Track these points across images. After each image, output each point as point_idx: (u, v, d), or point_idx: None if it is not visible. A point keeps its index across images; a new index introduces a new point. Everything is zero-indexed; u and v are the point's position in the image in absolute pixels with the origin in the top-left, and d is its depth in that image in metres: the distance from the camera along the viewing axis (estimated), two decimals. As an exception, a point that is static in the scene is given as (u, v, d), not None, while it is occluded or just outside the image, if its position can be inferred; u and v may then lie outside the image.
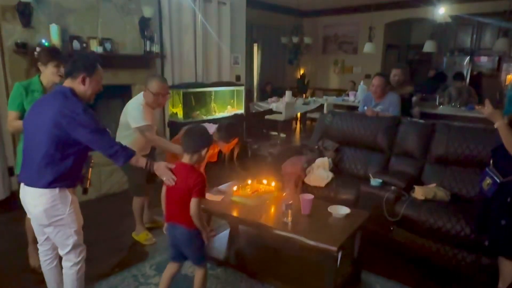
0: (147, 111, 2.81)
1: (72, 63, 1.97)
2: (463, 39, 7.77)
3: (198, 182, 1.97)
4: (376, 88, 3.91)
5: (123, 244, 3.11)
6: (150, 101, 2.82)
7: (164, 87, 2.81)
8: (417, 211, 2.73)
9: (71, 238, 1.99)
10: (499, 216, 2.19)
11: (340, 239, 2.14)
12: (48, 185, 1.87)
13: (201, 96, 5.53)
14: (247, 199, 2.64)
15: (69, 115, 1.82)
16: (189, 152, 2.04)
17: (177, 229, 2.04)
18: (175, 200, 2.04)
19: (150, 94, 2.79)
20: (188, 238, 2.05)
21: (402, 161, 3.37)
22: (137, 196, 3.07)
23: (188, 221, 2.01)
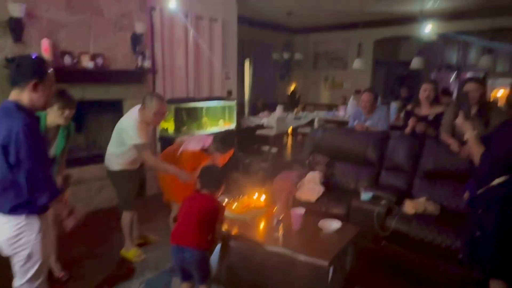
0: (142, 128, 2.79)
1: (16, 70, 1.67)
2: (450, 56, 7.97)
3: (222, 210, 2.23)
4: (365, 104, 3.96)
5: (112, 261, 3.05)
6: (148, 120, 2.80)
7: (164, 106, 2.81)
8: (408, 225, 2.75)
9: (31, 270, 1.75)
10: (474, 227, 2.18)
11: (331, 254, 2.14)
12: (10, 211, 1.67)
13: (193, 111, 5.53)
14: (238, 214, 2.63)
15: (14, 134, 1.56)
16: (210, 189, 2.22)
17: (187, 252, 2.07)
18: (192, 222, 2.10)
19: (150, 114, 2.76)
20: (198, 260, 2.08)
21: (392, 175, 3.40)
22: (126, 211, 3.03)
23: (200, 243, 2.07)
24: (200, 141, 2.84)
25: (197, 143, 2.83)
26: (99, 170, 4.07)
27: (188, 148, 2.82)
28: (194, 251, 2.06)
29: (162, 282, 2.72)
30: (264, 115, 7.30)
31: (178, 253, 2.10)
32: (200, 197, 2.23)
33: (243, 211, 2.64)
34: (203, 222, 2.10)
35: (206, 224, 2.12)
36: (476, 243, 2.15)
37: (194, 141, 2.86)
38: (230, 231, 2.49)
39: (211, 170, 2.28)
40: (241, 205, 2.74)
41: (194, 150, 2.81)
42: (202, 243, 2.07)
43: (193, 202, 2.22)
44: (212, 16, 5.56)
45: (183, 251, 2.07)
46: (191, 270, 2.12)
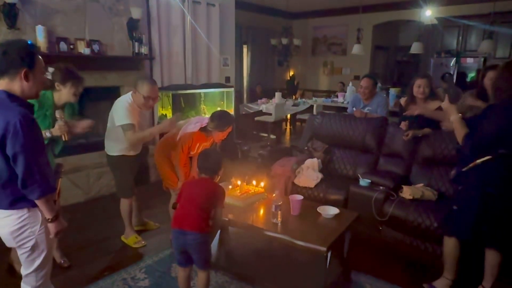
0: (135, 110, 2.81)
1: (3, 58, 1.59)
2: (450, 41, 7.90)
3: (222, 194, 2.22)
4: (364, 90, 3.95)
5: (112, 248, 3.08)
6: (140, 104, 2.83)
7: (155, 90, 2.82)
8: (405, 210, 2.77)
9: (37, 260, 1.76)
10: (452, 202, 2.38)
11: (329, 239, 2.16)
12: (11, 206, 1.66)
13: (191, 98, 5.51)
14: (237, 200, 2.65)
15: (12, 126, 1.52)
16: (208, 174, 2.22)
17: (189, 235, 2.08)
18: (193, 206, 2.11)
19: (141, 97, 2.79)
20: (200, 242, 2.09)
21: (390, 162, 3.41)
22: (124, 198, 3.05)
23: (201, 226, 2.08)
24: (197, 122, 2.83)
25: (194, 124, 2.82)
26: (98, 157, 4.08)
27: (187, 131, 2.82)
28: (196, 234, 2.07)
29: (161, 268, 2.75)
30: (262, 101, 7.27)
31: (180, 236, 2.11)
32: (200, 182, 2.24)
33: (241, 197, 2.65)
34: (204, 206, 2.11)
35: (207, 208, 2.12)
36: (451, 216, 2.33)
37: (192, 123, 2.85)
38: (228, 217, 2.51)
39: (208, 155, 2.28)
40: (239, 191, 2.75)
41: (192, 131, 2.81)
42: (204, 227, 2.09)
43: (193, 186, 2.22)
44: (209, 0, 5.49)
45: (184, 234, 2.09)
46: (192, 253, 2.13)
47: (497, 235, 2.24)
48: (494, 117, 2.08)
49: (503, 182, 2.13)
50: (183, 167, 2.90)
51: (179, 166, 2.87)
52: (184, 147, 2.81)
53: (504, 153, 2.07)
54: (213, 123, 2.78)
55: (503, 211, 2.17)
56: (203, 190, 2.17)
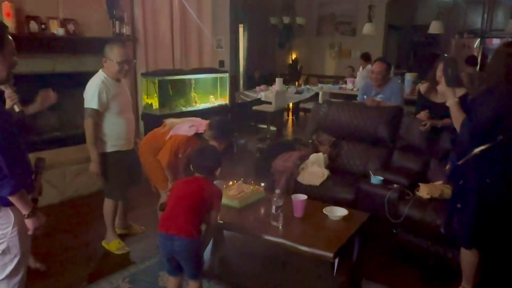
0: (112, 87, 2.84)
1: None
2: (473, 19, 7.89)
3: (218, 196, 2.20)
4: (376, 75, 3.94)
5: (92, 254, 3.08)
6: (114, 73, 2.86)
7: (127, 53, 2.89)
8: (422, 211, 2.78)
9: (9, 266, 1.76)
10: (455, 199, 2.39)
11: (336, 244, 2.17)
12: None
13: (180, 85, 5.48)
14: (233, 200, 2.64)
15: None
16: (202, 173, 2.20)
17: (177, 241, 2.08)
18: (183, 207, 2.10)
19: (114, 64, 2.82)
20: (189, 249, 2.09)
21: (405, 156, 3.42)
22: (110, 198, 3.05)
23: (190, 231, 2.07)
24: (193, 126, 2.82)
25: (190, 127, 2.81)
26: (75, 152, 4.07)
27: (180, 132, 2.81)
28: (184, 239, 2.07)
29: (148, 278, 2.75)
30: (261, 88, 7.25)
31: (166, 242, 2.11)
32: (193, 181, 2.23)
33: (238, 197, 2.65)
34: (195, 208, 2.11)
35: (199, 211, 2.12)
36: (456, 215, 2.36)
37: (186, 125, 2.84)
38: (223, 219, 2.51)
39: (204, 152, 2.27)
40: (235, 190, 2.75)
41: (186, 134, 2.80)
42: (193, 232, 2.08)
43: (184, 186, 2.21)
44: (200, -26, 5.45)
45: (171, 239, 2.08)
46: (181, 261, 2.14)
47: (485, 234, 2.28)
48: (492, 102, 2.17)
49: (502, 171, 2.21)
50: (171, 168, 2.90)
51: (166, 168, 2.86)
52: (173, 148, 2.79)
53: (503, 140, 2.15)
54: (210, 131, 2.78)
55: (499, 204, 2.23)
56: (195, 191, 2.16)
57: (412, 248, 2.87)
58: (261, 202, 2.72)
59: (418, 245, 2.83)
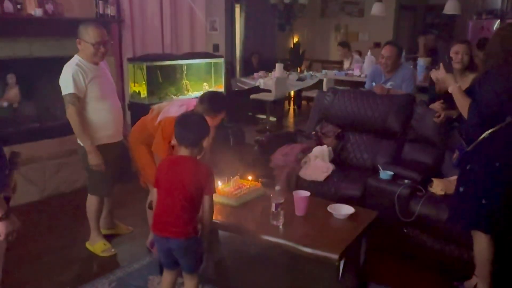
0: (89, 71, 2.84)
1: None
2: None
3: (210, 177, 2.14)
4: (386, 60, 3.93)
5: (75, 257, 3.08)
6: (90, 56, 2.87)
7: (103, 33, 2.90)
8: (436, 209, 2.79)
9: None
10: (459, 184, 2.54)
11: (342, 245, 2.18)
12: None
13: (170, 71, 5.47)
14: (229, 198, 2.65)
15: None
16: (188, 146, 2.14)
17: (173, 243, 2.09)
18: (176, 205, 2.08)
19: (89, 46, 2.83)
20: (186, 247, 2.11)
21: (418, 149, 3.42)
22: (94, 195, 3.05)
23: (187, 231, 2.08)
24: (183, 105, 2.81)
25: (179, 107, 2.80)
26: (56, 146, 4.06)
27: (169, 115, 2.80)
28: (179, 240, 2.08)
29: (136, 282, 2.76)
30: (259, 75, 7.23)
31: (163, 244, 2.13)
32: (180, 163, 2.16)
33: (234, 194, 2.65)
34: (189, 201, 2.08)
35: (192, 203, 2.10)
36: (459, 200, 2.51)
37: (175, 105, 2.83)
38: (218, 219, 2.51)
39: (187, 120, 2.20)
40: (231, 186, 2.75)
41: (175, 115, 2.78)
42: (190, 229, 2.08)
43: (172, 171, 2.14)
44: None
45: (168, 241, 2.10)
46: (178, 258, 2.15)
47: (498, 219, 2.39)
48: (495, 83, 2.33)
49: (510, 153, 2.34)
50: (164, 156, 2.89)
51: (159, 156, 2.86)
52: (164, 133, 2.78)
53: None
54: (202, 106, 2.74)
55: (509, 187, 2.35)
56: (186, 178, 2.10)
57: (424, 249, 2.87)
58: (260, 200, 2.73)
59: (431, 246, 2.85)
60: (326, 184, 3.25)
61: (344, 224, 2.45)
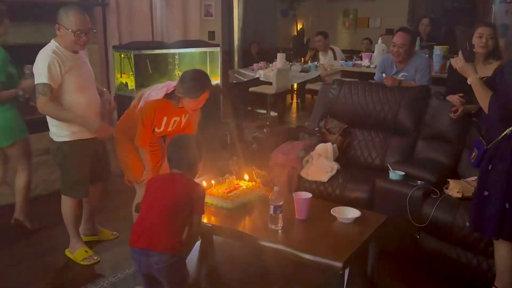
0: (67, 60, 2.83)
1: None
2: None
3: (200, 196, 2.21)
4: (398, 49, 3.92)
5: (53, 265, 3.09)
6: (70, 44, 2.85)
7: (86, 20, 2.87)
8: (452, 213, 2.78)
9: None
10: (482, 187, 2.49)
11: (347, 252, 2.17)
12: None
13: (161, 61, 5.47)
14: (223, 200, 2.65)
15: None
16: (181, 169, 2.22)
17: (154, 257, 2.08)
18: (160, 215, 2.10)
19: (69, 33, 2.80)
20: (170, 265, 2.10)
21: (432, 147, 3.42)
22: (68, 196, 3.04)
23: (171, 244, 2.08)
24: (163, 87, 2.81)
25: (159, 90, 2.80)
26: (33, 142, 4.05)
27: (149, 99, 2.81)
28: (164, 255, 2.08)
29: (121, 292, 2.77)
30: (259, 66, 7.24)
31: (142, 258, 2.11)
32: (169, 179, 2.24)
33: (229, 196, 2.66)
34: (175, 213, 2.12)
35: (179, 217, 2.13)
36: (483, 204, 2.45)
37: (155, 89, 2.83)
38: (213, 222, 2.51)
39: (181, 142, 2.28)
40: (227, 187, 2.75)
41: (155, 99, 2.79)
42: (175, 244, 2.10)
43: (159, 185, 2.22)
44: None
45: (148, 255, 2.09)
46: (160, 278, 2.15)
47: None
48: None
49: None
50: (147, 148, 2.90)
51: (142, 149, 2.87)
52: (145, 121, 2.79)
53: None
54: (183, 86, 2.74)
55: None
56: (173, 191, 2.17)
57: (439, 257, 2.87)
58: (257, 202, 2.74)
59: (446, 254, 2.84)
60: (330, 185, 3.26)
61: (349, 228, 2.45)
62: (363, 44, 8.38)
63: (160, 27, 5.39)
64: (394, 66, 4.03)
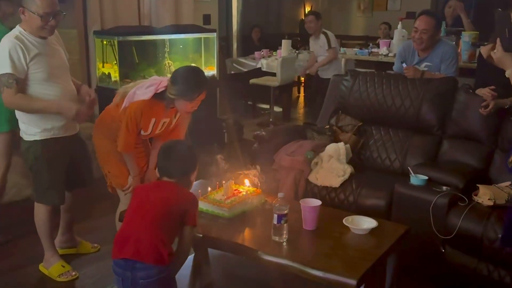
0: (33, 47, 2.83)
1: None
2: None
3: (193, 205, 2.25)
4: (421, 35, 3.91)
5: (25, 282, 3.10)
6: (36, 28, 2.83)
7: (54, 1, 2.84)
8: (482, 223, 2.78)
9: None
10: None
11: (362, 268, 2.17)
12: None
13: (149, 48, 5.48)
14: (220, 208, 2.65)
15: None
16: (173, 178, 2.26)
17: (141, 270, 2.08)
18: (147, 224, 2.11)
19: (35, 17, 2.79)
20: (158, 280, 2.10)
21: (459, 148, 3.42)
22: (41, 203, 3.04)
23: (159, 255, 2.08)
24: (151, 86, 2.80)
25: (146, 89, 2.80)
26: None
27: (135, 99, 2.80)
28: (152, 267, 2.08)
29: (103, 312, 2.77)
30: (262, 54, 7.24)
31: (126, 272, 2.11)
32: (159, 186, 2.27)
33: (227, 203, 2.66)
34: (164, 224, 2.13)
35: (168, 227, 2.15)
36: None
37: (142, 87, 2.83)
38: (208, 233, 2.51)
39: (173, 149, 2.29)
40: (224, 193, 2.75)
41: (141, 100, 2.79)
42: (164, 256, 2.09)
43: (148, 193, 2.24)
44: None
45: (133, 268, 2.09)
46: None
47: None
48: None
49: None
50: (132, 151, 2.91)
51: (126, 153, 2.88)
52: (130, 124, 2.79)
53: None
54: (175, 86, 2.74)
55: None
56: (163, 199, 2.18)
57: (467, 274, 2.87)
58: (259, 210, 2.74)
59: (475, 269, 2.84)
60: (342, 190, 3.25)
61: (364, 241, 2.44)
62: (381, 30, 8.37)
63: (148, 9, 5.40)
64: (416, 54, 4.02)
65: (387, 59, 6.04)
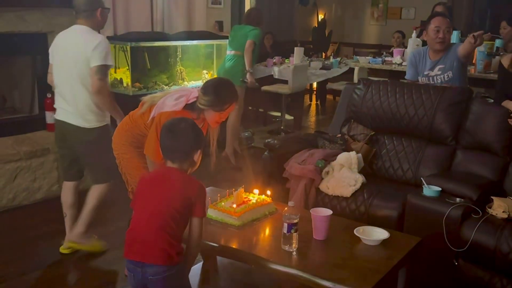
0: None
1: None
2: None
3: (200, 196, 2.19)
4: (445, 34, 3.85)
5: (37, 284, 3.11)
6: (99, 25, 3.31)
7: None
8: (496, 236, 2.75)
9: None
10: None
11: (373, 279, 2.16)
12: None
13: (161, 54, 5.51)
14: (230, 216, 2.65)
15: None
16: (176, 160, 2.23)
17: (150, 269, 2.10)
18: (154, 223, 2.10)
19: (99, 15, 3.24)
20: (167, 278, 2.10)
21: (474, 159, 3.39)
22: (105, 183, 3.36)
23: (169, 255, 2.08)
24: (181, 97, 2.82)
25: (176, 100, 2.81)
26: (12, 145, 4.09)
27: (165, 109, 2.81)
28: (160, 267, 2.09)
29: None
30: (274, 62, 7.24)
31: (137, 269, 2.12)
32: (165, 178, 2.23)
33: (237, 212, 2.65)
34: (171, 226, 2.11)
35: (176, 226, 2.13)
36: None
37: (172, 97, 2.84)
38: (217, 241, 2.51)
39: (176, 127, 2.26)
40: (234, 201, 2.75)
41: (174, 110, 2.80)
42: (173, 254, 2.09)
43: (153, 187, 2.20)
44: None
45: (143, 266, 2.10)
46: None
47: None
48: None
49: None
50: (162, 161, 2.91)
51: (155, 162, 2.87)
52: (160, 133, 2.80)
53: None
54: (206, 97, 2.77)
55: None
56: (168, 192, 2.16)
57: (480, 287, 2.84)
58: (269, 218, 2.73)
59: (488, 284, 2.81)
60: (353, 200, 3.24)
61: (376, 252, 2.43)
62: (394, 38, 8.37)
63: (160, 16, 5.42)
64: (428, 59, 4.02)
65: (401, 68, 6.02)
